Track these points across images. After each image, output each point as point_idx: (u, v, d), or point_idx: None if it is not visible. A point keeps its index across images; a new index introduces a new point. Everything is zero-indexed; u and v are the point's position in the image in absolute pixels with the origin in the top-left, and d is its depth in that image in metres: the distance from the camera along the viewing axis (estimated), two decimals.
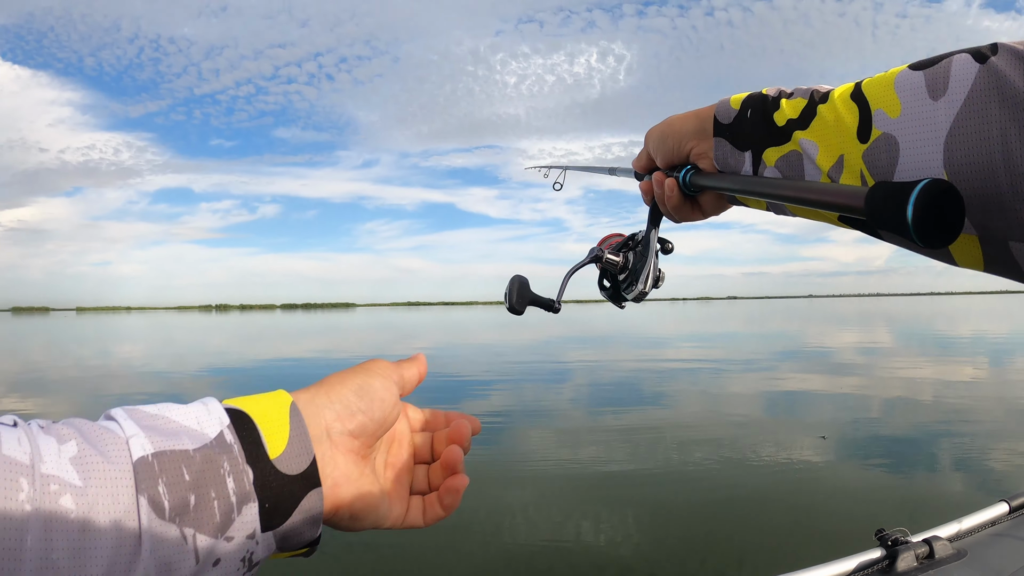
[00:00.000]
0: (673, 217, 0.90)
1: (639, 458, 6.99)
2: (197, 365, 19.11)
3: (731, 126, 0.76)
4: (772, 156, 0.71)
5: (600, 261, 0.97)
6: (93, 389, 13.72)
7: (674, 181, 0.84)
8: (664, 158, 0.87)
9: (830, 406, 10.06)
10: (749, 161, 0.74)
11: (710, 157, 0.79)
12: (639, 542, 4.74)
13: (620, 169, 1.18)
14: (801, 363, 16.89)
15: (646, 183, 0.93)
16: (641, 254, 0.94)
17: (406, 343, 28.00)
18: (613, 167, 1.29)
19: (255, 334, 40.59)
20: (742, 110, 0.75)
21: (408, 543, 4.70)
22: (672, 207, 0.87)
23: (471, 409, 7.40)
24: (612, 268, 0.98)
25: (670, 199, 0.86)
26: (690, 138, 0.81)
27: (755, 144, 0.73)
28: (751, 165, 0.74)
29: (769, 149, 0.72)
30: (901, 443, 7.44)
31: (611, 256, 0.97)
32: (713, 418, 9.17)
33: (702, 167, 0.81)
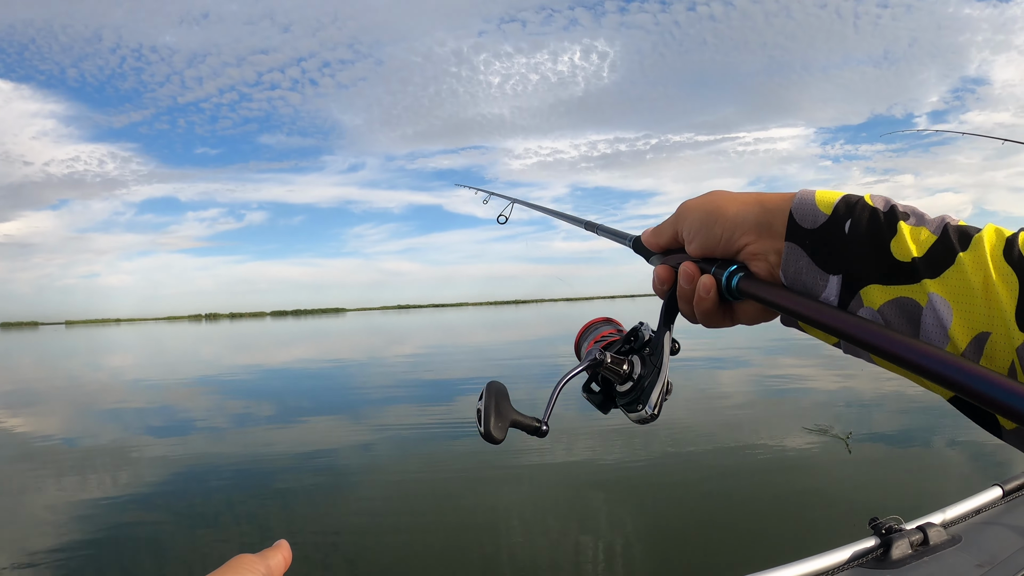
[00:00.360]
0: (696, 319, 0.72)
1: (634, 452, 7.01)
2: (189, 375, 19.03)
3: (816, 234, 0.61)
4: (877, 296, 0.57)
5: (600, 368, 0.76)
6: (85, 403, 13.65)
7: (712, 280, 0.67)
8: (702, 246, 0.69)
9: (821, 396, 10.12)
10: (836, 288, 0.60)
11: (771, 262, 0.64)
12: (636, 535, 4.75)
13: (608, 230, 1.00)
14: (789, 353, 16.96)
15: (664, 269, 0.74)
16: (651, 362, 0.74)
17: (397, 347, 27.93)
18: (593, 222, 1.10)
19: (246, 343, 40.47)
20: (836, 218, 0.60)
21: (410, 540, 4.71)
22: (703, 311, 0.69)
23: (461, 408, 7.48)
24: (613, 376, 0.77)
25: (703, 301, 0.68)
26: (747, 231, 0.65)
27: (851, 270, 0.59)
28: (837, 294, 0.60)
29: (874, 286, 0.57)
30: (893, 429, 7.49)
31: (613, 365, 0.75)
32: (704, 411, 9.22)
33: (755, 270, 0.65)
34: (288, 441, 8.43)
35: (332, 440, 8.38)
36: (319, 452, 7.70)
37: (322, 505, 5.78)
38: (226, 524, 5.32)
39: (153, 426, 10.18)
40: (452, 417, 9.60)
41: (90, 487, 6.63)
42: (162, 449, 8.29)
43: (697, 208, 0.69)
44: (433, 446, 7.85)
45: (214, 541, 4.94)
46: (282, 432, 9.13)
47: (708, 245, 0.68)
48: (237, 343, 40.47)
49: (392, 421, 9.58)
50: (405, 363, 19.80)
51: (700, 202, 0.70)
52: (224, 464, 7.33)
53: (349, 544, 4.83)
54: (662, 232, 0.75)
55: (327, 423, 9.70)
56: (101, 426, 10.53)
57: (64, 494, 6.44)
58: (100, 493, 6.36)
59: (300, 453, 7.70)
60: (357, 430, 9.05)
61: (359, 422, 9.66)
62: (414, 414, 10.09)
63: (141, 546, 4.89)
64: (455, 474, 6.61)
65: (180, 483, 6.65)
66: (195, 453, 7.96)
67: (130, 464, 7.52)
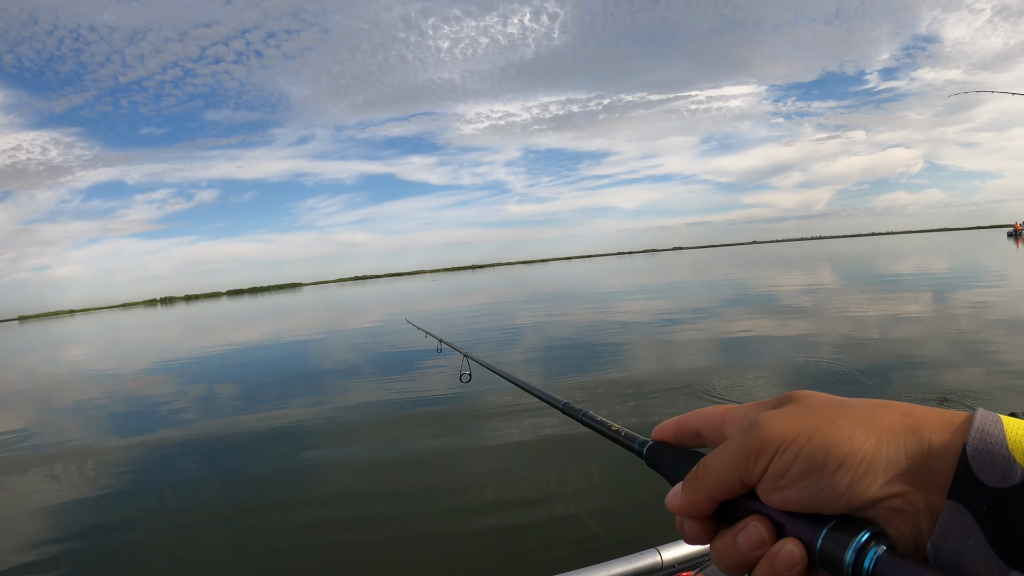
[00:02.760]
0: None
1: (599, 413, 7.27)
2: (148, 362, 18.86)
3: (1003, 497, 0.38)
4: None
5: None
6: (45, 399, 13.52)
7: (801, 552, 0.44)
8: (804, 499, 0.44)
9: (782, 348, 10.47)
10: None
11: (920, 528, 0.42)
12: (605, 495, 4.99)
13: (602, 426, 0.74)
14: (751, 308, 17.46)
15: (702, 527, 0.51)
16: None
17: (355, 319, 27.91)
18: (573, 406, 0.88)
19: (203, 325, 39.93)
20: None
21: (383, 510, 4.94)
22: None
23: (427, 379, 7.75)
24: None
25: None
26: (893, 477, 0.42)
27: None
28: None
29: None
30: (852, 382, 7.77)
31: None
32: (669, 369, 9.53)
33: (893, 535, 0.42)
34: (253, 423, 8.54)
35: (297, 418, 8.51)
36: (285, 432, 7.86)
37: (292, 485, 5.95)
38: (197, 514, 5.44)
39: (116, 418, 10.22)
40: (415, 385, 9.79)
41: (56, 485, 6.70)
42: (127, 442, 8.34)
43: (801, 441, 0.44)
44: (398, 415, 8.01)
45: (186, 533, 5.06)
46: (247, 414, 9.23)
47: (817, 498, 0.44)
48: (194, 326, 39.92)
49: (356, 394, 9.73)
50: (364, 335, 19.90)
51: (802, 425, 0.45)
52: (191, 452, 7.42)
53: (322, 521, 5.01)
54: (720, 467, 0.49)
55: (291, 402, 9.82)
56: (63, 422, 10.53)
57: (29, 493, 6.49)
58: (66, 490, 6.45)
59: (266, 434, 7.83)
60: (322, 407, 9.19)
61: (323, 398, 9.80)
62: (377, 386, 10.23)
63: (112, 543, 4.98)
64: (421, 441, 6.82)
65: (148, 476, 6.72)
66: (160, 443, 8.01)
67: (95, 459, 7.58)
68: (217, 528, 5.05)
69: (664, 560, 1.66)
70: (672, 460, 0.58)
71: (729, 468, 0.48)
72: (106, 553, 4.77)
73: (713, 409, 0.56)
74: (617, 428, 0.70)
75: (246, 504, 5.56)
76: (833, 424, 0.44)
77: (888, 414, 0.44)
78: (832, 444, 0.43)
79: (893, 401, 0.45)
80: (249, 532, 4.90)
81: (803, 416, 0.46)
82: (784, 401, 0.49)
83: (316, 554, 4.38)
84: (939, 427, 0.42)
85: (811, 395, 0.49)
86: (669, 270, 53.28)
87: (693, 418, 0.57)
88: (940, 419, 0.43)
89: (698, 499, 0.50)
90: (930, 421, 0.43)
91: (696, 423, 0.57)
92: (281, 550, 4.54)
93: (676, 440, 0.59)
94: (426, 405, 8.43)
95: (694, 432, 0.57)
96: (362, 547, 4.44)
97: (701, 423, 0.56)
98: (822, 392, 0.49)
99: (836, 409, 0.45)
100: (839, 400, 0.47)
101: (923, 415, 0.44)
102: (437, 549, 4.29)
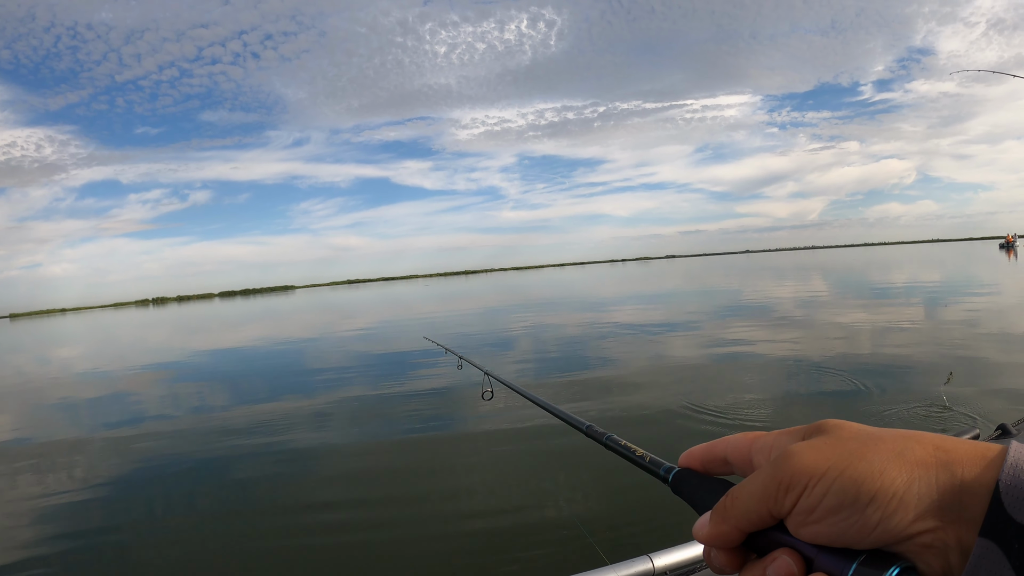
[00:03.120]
0: None
1: (590, 420, 7.27)
2: (140, 363, 18.80)
3: None
4: None
5: None
6: (36, 398, 13.46)
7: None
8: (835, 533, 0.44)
9: (773, 357, 10.49)
10: None
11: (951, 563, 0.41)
12: (598, 501, 4.98)
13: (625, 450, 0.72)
14: (743, 317, 17.48)
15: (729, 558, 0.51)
16: None
17: (348, 322, 27.88)
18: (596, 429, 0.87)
19: (195, 326, 39.81)
20: None
21: (375, 514, 4.93)
22: None
23: (420, 382, 7.71)
24: None
25: None
26: (924, 513, 0.41)
27: None
28: None
29: None
30: (844, 387, 7.79)
31: None
32: (661, 378, 9.54)
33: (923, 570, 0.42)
34: (245, 424, 8.52)
35: (288, 421, 8.49)
36: (276, 434, 7.82)
37: (283, 488, 5.93)
38: (187, 516, 5.42)
39: (106, 418, 10.16)
40: (406, 388, 9.79)
41: (45, 485, 6.67)
42: (117, 442, 8.31)
43: (832, 475, 0.44)
44: (389, 418, 8.00)
45: (176, 535, 5.05)
46: (238, 416, 9.21)
47: (847, 533, 0.43)
48: (186, 327, 39.80)
49: (347, 397, 9.72)
50: (357, 338, 19.84)
51: (833, 459, 0.44)
52: (181, 453, 7.39)
53: (313, 524, 5.01)
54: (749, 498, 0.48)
55: (282, 404, 9.78)
56: (53, 421, 10.48)
57: (19, 493, 6.46)
58: (56, 490, 6.41)
59: (257, 436, 7.81)
60: (313, 409, 9.17)
61: (314, 401, 9.77)
62: (368, 389, 10.21)
63: (101, 544, 4.96)
64: (412, 444, 6.82)
65: (138, 477, 6.68)
66: (151, 444, 7.99)
67: (85, 459, 7.55)
68: (207, 529, 5.03)
69: (656, 567, 1.67)
70: (699, 488, 0.57)
71: (758, 500, 0.47)
72: (94, 554, 4.74)
73: (741, 436, 0.55)
74: (642, 454, 0.69)
75: (237, 506, 5.54)
76: (864, 458, 0.43)
77: (920, 448, 0.43)
78: (863, 479, 0.42)
79: (925, 433, 0.44)
80: (240, 534, 4.89)
81: (833, 449, 0.45)
82: (814, 431, 0.49)
83: (308, 556, 4.38)
84: (972, 461, 0.41)
85: (841, 426, 0.48)
86: (662, 278, 53.37)
87: (720, 445, 0.56)
88: (973, 452, 0.42)
89: (726, 530, 0.49)
90: (962, 455, 0.42)
91: (723, 450, 0.56)
92: (272, 551, 4.53)
93: (703, 467, 0.58)
94: (421, 397, 8.43)
95: (721, 459, 0.56)
96: (354, 548, 4.43)
97: (729, 450, 0.56)
98: (852, 422, 0.48)
99: (867, 442, 0.44)
100: (870, 432, 0.46)
101: (955, 448, 0.42)
102: (430, 553, 4.29)
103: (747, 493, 0.48)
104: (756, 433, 0.55)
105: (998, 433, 2.51)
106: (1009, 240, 74.09)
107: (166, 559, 4.53)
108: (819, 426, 0.49)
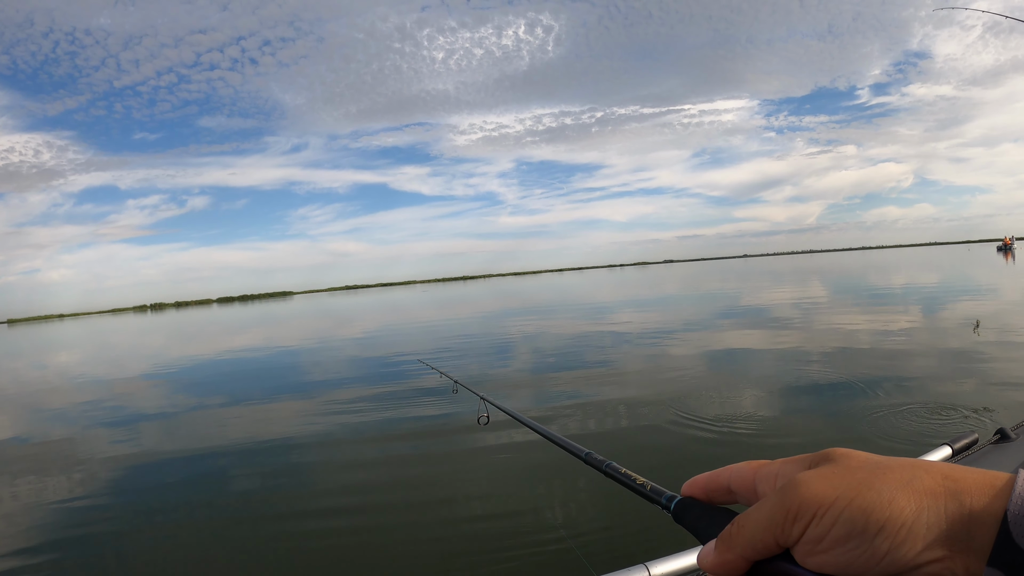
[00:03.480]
0: None
1: (589, 425, 7.28)
2: (138, 369, 18.74)
3: None
4: None
5: None
6: (33, 404, 13.41)
7: None
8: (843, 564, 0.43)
9: (771, 360, 10.49)
10: None
11: None
12: (594, 510, 4.97)
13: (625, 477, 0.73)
14: (741, 320, 17.49)
15: None
16: None
17: (346, 328, 27.85)
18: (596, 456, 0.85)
19: (193, 332, 39.78)
20: None
21: (372, 522, 4.91)
22: None
23: (419, 387, 7.70)
24: None
25: None
26: (933, 542, 0.41)
27: None
28: None
29: None
30: (842, 392, 7.78)
31: None
32: (659, 382, 9.54)
33: None
34: (242, 432, 8.50)
35: (286, 429, 8.46)
36: (274, 442, 7.80)
37: (281, 496, 5.90)
38: (185, 524, 5.40)
39: (104, 424, 10.12)
40: (403, 396, 9.78)
41: (43, 491, 6.63)
42: (114, 448, 8.28)
43: (840, 505, 0.43)
44: (386, 426, 7.99)
45: (173, 541, 5.03)
46: (235, 423, 9.19)
47: (856, 563, 0.43)
48: (184, 333, 39.77)
49: (344, 404, 9.70)
50: (355, 344, 19.79)
51: (841, 489, 0.44)
52: (179, 460, 7.36)
53: (311, 532, 4.99)
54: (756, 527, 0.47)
55: (280, 411, 9.77)
56: (51, 427, 10.43)
57: (16, 499, 6.43)
58: (54, 497, 6.38)
59: (255, 444, 7.79)
60: (311, 416, 9.14)
61: (312, 408, 9.75)
62: (366, 395, 10.20)
63: (100, 551, 4.93)
64: (409, 451, 6.82)
65: (135, 483, 6.66)
66: (148, 451, 7.96)
67: (83, 466, 7.51)
68: (206, 534, 5.01)
69: None
70: (702, 517, 0.56)
71: (765, 529, 0.46)
72: (91, 560, 4.72)
73: (745, 465, 0.55)
74: (643, 482, 0.69)
75: (235, 512, 5.52)
76: (873, 487, 0.43)
77: (928, 477, 0.43)
78: (872, 508, 0.42)
79: (934, 461, 0.44)
80: (239, 538, 4.87)
81: (842, 478, 0.45)
82: (821, 459, 0.48)
83: (304, 558, 4.35)
84: (980, 490, 0.41)
85: (849, 454, 0.47)
86: (660, 283, 53.40)
87: (724, 474, 0.56)
88: (981, 482, 0.42)
89: (731, 558, 0.49)
90: (971, 484, 0.42)
91: (727, 479, 0.56)
92: (270, 553, 4.51)
93: (706, 496, 0.57)
94: (414, 415, 8.40)
95: (725, 488, 0.56)
96: (349, 549, 4.42)
97: (732, 479, 0.55)
98: (859, 451, 0.48)
99: (875, 471, 0.44)
100: (878, 461, 0.46)
101: (964, 477, 0.42)
102: (421, 558, 4.27)
103: (754, 521, 0.47)
104: (760, 462, 0.54)
105: (997, 437, 2.50)
106: (1007, 243, 74.30)
107: (164, 565, 4.51)
108: (826, 455, 0.49)
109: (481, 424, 2.35)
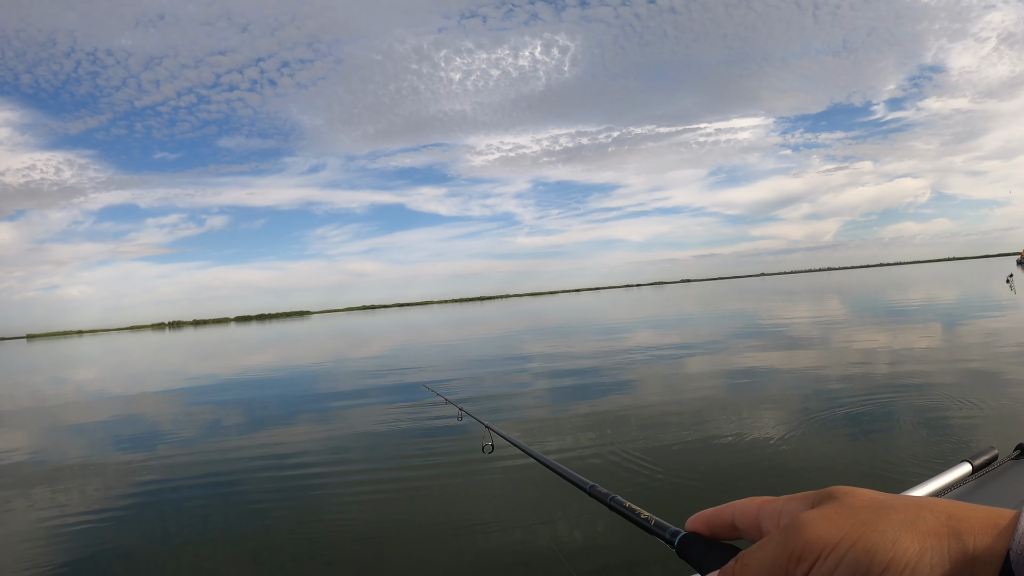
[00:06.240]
0: None
1: (605, 441, 7.23)
2: (154, 386, 18.85)
3: None
4: None
5: None
6: (51, 419, 13.50)
7: None
8: None
9: (791, 379, 10.39)
10: None
11: None
12: (600, 538, 4.92)
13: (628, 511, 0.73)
14: (759, 339, 17.34)
15: None
16: None
17: (363, 348, 27.90)
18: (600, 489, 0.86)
19: (211, 350, 39.95)
20: None
21: (389, 544, 4.89)
22: None
23: (427, 413, 7.68)
24: None
25: None
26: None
27: None
28: None
29: None
30: (862, 411, 7.70)
31: None
32: (678, 401, 9.48)
33: None
34: (260, 449, 8.52)
35: (303, 447, 8.48)
36: (291, 459, 7.81)
37: (298, 514, 5.89)
38: (203, 541, 5.39)
39: (121, 441, 10.16)
40: (421, 417, 9.78)
41: (60, 506, 6.65)
42: (132, 465, 8.30)
43: (844, 546, 0.43)
44: (404, 447, 7.99)
45: (192, 561, 5.03)
46: (253, 440, 9.21)
47: None
48: (202, 351, 39.95)
49: (362, 423, 9.70)
50: (372, 364, 19.81)
51: (845, 529, 0.44)
52: (197, 477, 7.38)
53: (327, 550, 4.97)
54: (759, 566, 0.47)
55: (297, 429, 9.78)
56: (68, 443, 10.49)
57: (34, 514, 6.44)
58: (71, 512, 6.39)
59: (273, 461, 7.80)
60: (328, 435, 9.15)
61: (330, 427, 9.75)
62: (383, 415, 10.20)
63: (116, 568, 4.93)
64: (428, 473, 6.79)
65: (153, 500, 6.66)
66: (166, 467, 7.98)
67: (100, 481, 7.53)
68: (220, 554, 5.00)
69: None
70: (706, 553, 0.56)
71: (768, 569, 0.46)
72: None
73: (749, 501, 0.55)
74: (647, 516, 0.69)
75: (249, 528, 5.51)
76: (876, 528, 0.43)
77: (932, 516, 0.43)
78: (876, 550, 0.42)
79: (937, 500, 0.44)
80: (251, 552, 4.86)
81: (846, 519, 0.44)
82: (824, 498, 0.49)
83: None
84: (983, 530, 0.41)
85: (853, 492, 0.48)
86: (677, 302, 53.11)
87: (728, 510, 0.56)
88: (984, 520, 0.42)
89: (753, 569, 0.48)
90: (974, 523, 0.42)
91: (731, 515, 0.56)
92: (284, 569, 4.49)
93: (710, 532, 0.58)
94: (432, 435, 8.37)
95: (729, 524, 0.56)
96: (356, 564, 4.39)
97: (737, 515, 0.55)
98: (863, 488, 0.48)
99: (879, 511, 0.44)
100: (881, 500, 0.46)
101: (967, 516, 0.42)
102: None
103: (757, 561, 0.47)
104: (764, 498, 0.54)
105: (1017, 453, 2.45)
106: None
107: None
108: (829, 493, 0.49)
109: (486, 452, 2.35)
